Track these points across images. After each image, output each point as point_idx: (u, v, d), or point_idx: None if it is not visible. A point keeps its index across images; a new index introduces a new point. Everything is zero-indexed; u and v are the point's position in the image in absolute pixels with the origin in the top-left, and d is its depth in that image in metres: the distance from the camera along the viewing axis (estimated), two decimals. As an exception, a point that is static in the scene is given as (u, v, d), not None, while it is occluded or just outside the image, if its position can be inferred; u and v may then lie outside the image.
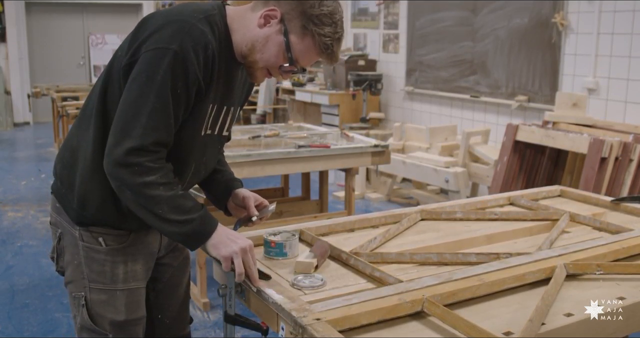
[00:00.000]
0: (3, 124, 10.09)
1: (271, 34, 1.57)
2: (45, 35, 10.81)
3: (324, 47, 1.56)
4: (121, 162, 1.47)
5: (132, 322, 1.70)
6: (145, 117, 1.47)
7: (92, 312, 1.67)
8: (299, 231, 1.96)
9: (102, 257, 1.66)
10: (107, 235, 1.65)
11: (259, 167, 3.41)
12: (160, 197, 1.49)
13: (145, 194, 1.49)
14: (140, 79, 1.49)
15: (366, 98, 6.64)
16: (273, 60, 1.59)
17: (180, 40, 1.48)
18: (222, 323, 1.72)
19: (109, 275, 1.66)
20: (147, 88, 1.48)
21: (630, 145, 3.76)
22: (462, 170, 5.02)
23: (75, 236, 1.66)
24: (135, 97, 1.49)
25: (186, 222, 1.52)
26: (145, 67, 1.49)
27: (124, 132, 1.48)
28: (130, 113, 1.48)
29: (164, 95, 1.48)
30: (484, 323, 1.38)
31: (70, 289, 1.71)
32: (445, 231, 2.10)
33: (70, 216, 1.66)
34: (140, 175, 1.47)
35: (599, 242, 1.90)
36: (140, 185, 1.48)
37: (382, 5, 7.13)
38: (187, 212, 1.52)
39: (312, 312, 1.38)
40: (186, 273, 1.92)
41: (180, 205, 1.51)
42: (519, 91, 5.37)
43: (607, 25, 4.64)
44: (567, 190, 2.59)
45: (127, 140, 1.47)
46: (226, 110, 1.70)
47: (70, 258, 1.69)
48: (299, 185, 4.55)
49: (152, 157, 1.49)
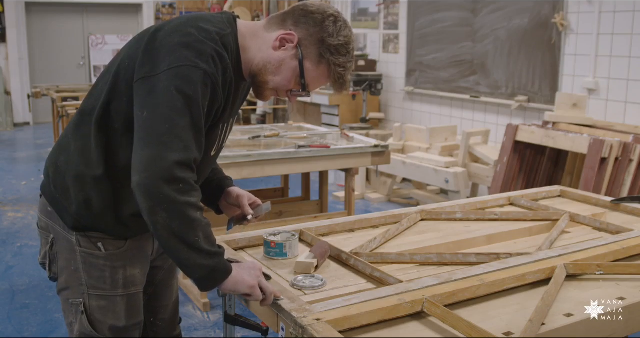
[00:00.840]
0: (3, 125, 10.09)
1: (286, 58, 1.55)
2: (45, 35, 10.81)
3: (338, 76, 1.56)
4: (167, 177, 1.37)
5: (131, 327, 1.69)
6: (183, 131, 1.40)
7: (92, 318, 1.64)
8: (299, 231, 1.96)
9: (101, 263, 1.62)
10: (105, 240, 1.62)
11: (259, 168, 3.41)
12: (199, 222, 1.41)
13: (185, 216, 1.39)
14: (169, 92, 1.41)
15: (366, 98, 6.64)
16: (285, 84, 1.58)
17: (207, 62, 1.44)
18: (222, 323, 1.72)
19: (109, 281, 1.63)
20: (180, 103, 1.41)
21: (630, 146, 3.76)
22: (462, 170, 5.02)
23: (71, 241, 1.62)
24: (168, 110, 1.40)
25: (216, 254, 1.44)
26: (175, 82, 1.41)
27: (163, 145, 1.38)
28: (166, 126, 1.39)
29: (198, 111, 1.43)
30: (484, 323, 1.38)
31: (65, 296, 1.66)
32: (445, 231, 2.10)
33: (65, 221, 1.61)
34: (187, 193, 1.39)
35: (599, 242, 1.90)
36: (184, 205, 1.39)
37: (382, 6, 7.13)
38: (215, 245, 1.45)
39: (312, 313, 1.38)
40: (175, 274, 1.91)
41: (211, 235, 1.45)
42: (519, 91, 5.37)
43: (607, 25, 4.64)
44: (567, 190, 2.59)
45: (171, 153, 1.38)
46: (230, 124, 1.69)
47: (66, 264, 1.64)
48: (299, 186, 4.55)
49: (194, 175, 1.42)
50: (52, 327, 3.32)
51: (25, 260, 4.26)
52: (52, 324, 3.34)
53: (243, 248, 1.90)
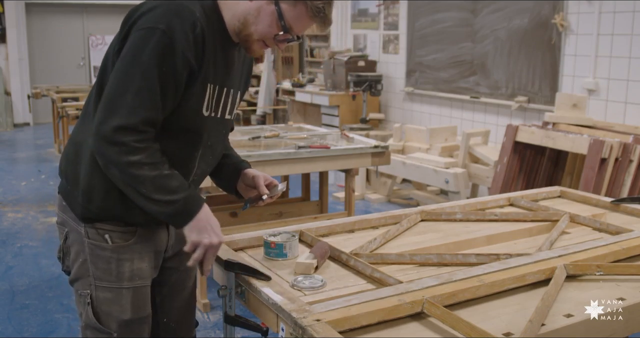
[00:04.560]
0: (3, 125, 10.09)
1: (262, 4, 1.58)
2: (45, 36, 10.81)
3: (316, 10, 1.57)
4: (108, 140, 1.48)
5: (137, 321, 1.69)
6: (131, 96, 1.48)
7: (98, 310, 1.66)
8: (299, 232, 1.96)
9: (107, 255, 1.64)
10: (113, 232, 1.65)
11: (259, 168, 3.34)
12: (144, 176, 1.50)
13: (130, 173, 1.50)
14: (127, 58, 1.51)
15: (366, 99, 6.64)
16: (267, 30, 1.60)
17: (168, 20, 1.50)
18: (222, 324, 1.72)
19: (115, 273, 1.65)
20: (133, 67, 1.49)
21: (630, 146, 3.76)
22: (462, 171, 5.02)
23: (80, 233, 1.65)
24: (121, 75, 1.50)
25: (170, 202, 1.53)
26: (133, 47, 1.51)
27: (110, 110, 1.49)
28: (117, 91, 1.49)
29: (150, 74, 1.49)
30: (484, 324, 1.38)
31: (76, 287, 1.70)
32: (445, 232, 2.10)
33: (75, 213, 1.65)
34: (126, 154, 1.48)
35: (599, 242, 1.90)
36: (126, 164, 1.49)
37: (382, 6, 7.13)
38: (171, 192, 1.53)
39: (312, 313, 1.38)
40: (191, 277, 1.91)
41: (164, 185, 1.52)
42: (519, 92, 5.37)
43: (607, 26, 4.64)
44: (567, 191, 2.59)
45: (114, 118, 1.47)
46: (226, 92, 1.70)
47: (76, 256, 1.68)
48: (299, 186, 4.55)
49: (138, 136, 1.49)
50: (52, 327, 3.31)
51: (25, 261, 4.26)
52: (52, 324, 3.34)
53: (243, 248, 1.90)
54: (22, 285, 3.87)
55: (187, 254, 1.85)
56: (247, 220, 3.88)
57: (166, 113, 1.56)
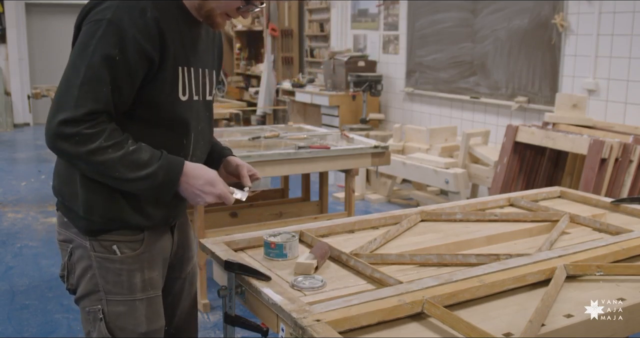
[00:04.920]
0: (3, 125, 10.09)
1: None
2: (45, 36, 10.80)
3: None
4: (58, 135, 1.45)
5: (153, 333, 1.65)
6: (77, 89, 1.46)
7: (111, 325, 1.60)
8: (299, 232, 1.96)
9: (117, 266, 1.60)
10: (120, 243, 1.60)
11: (259, 168, 3.36)
12: (111, 160, 1.47)
13: (95, 161, 1.46)
14: (74, 52, 1.50)
15: (366, 99, 6.64)
16: (229, 3, 1.59)
17: (114, 10, 1.48)
18: (222, 324, 1.72)
19: (127, 285, 1.60)
20: (78, 60, 1.48)
21: (630, 146, 3.76)
22: (462, 171, 5.02)
23: (86, 247, 1.61)
24: (68, 70, 1.49)
25: (148, 176, 1.50)
26: (80, 41, 1.50)
27: (57, 105, 1.47)
28: (64, 86, 1.48)
29: (95, 66, 1.46)
30: (484, 324, 1.38)
31: (83, 305, 1.64)
32: (445, 232, 2.10)
33: (78, 227, 1.61)
34: (83, 144, 1.45)
35: (599, 243, 1.90)
36: (87, 154, 1.45)
37: (382, 7, 7.13)
38: (145, 166, 1.50)
39: (312, 313, 1.38)
40: (193, 284, 1.90)
41: (135, 161, 1.49)
42: (519, 92, 5.37)
43: (607, 26, 4.64)
44: (567, 191, 2.59)
45: (60, 113, 1.45)
46: (202, 73, 1.67)
47: (82, 272, 1.62)
48: (299, 187, 4.55)
49: (88, 124, 1.46)
50: (52, 327, 3.31)
51: (25, 261, 4.26)
52: (52, 325, 3.34)
53: (243, 249, 1.90)
54: (22, 285, 3.87)
55: (189, 260, 1.84)
56: (247, 221, 3.88)
57: (128, 104, 1.53)
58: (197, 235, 3.37)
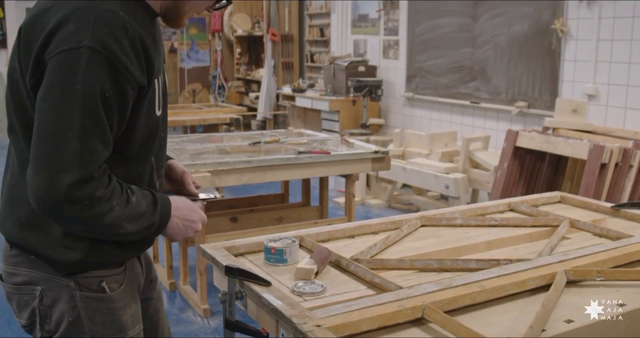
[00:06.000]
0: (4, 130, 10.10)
1: None
2: (46, 41, 10.82)
3: None
4: (65, 200, 1.23)
5: None
6: (75, 142, 1.22)
7: None
8: (299, 237, 1.96)
9: (107, 306, 1.45)
10: (107, 278, 1.45)
11: (259, 173, 3.42)
12: (119, 218, 1.32)
13: (102, 224, 1.30)
14: (53, 94, 1.21)
15: (366, 104, 6.65)
16: (203, 3, 1.48)
17: (92, 33, 1.22)
18: (222, 329, 1.72)
19: (117, 325, 1.47)
20: (66, 104, 1.21)
21: (630, 151, 3.76)
22: (462, 176, 5.03)
23: (68, 287, 1.41)
24: (54, 119, 1.21)
25: (149, 227, 1.40)
26: (57, 78, 1.21)
27: (54, 167, 1.21)
28: (55, 141, 1.21)
29: (91, 107, 1.22)
30: (485, 329, 1.38)
31: None
32: (446, 237, 2.10)
33: (56, 268, 1.40)
34: (92, 207, 1.26)
35: (599, 248, 1.90)
36: (96, 218, 1.28)
37: (382, 12, 7.15)
38: (144, 216, 1.37)
39: (312, 319, 1.37)
40: (162, 299, 1.80)
41: (137, 214, 1.36)
42: (519, 97, 5.38)
43: (607, 31, 4.65)
44: (567, 196, 2.59)
45: (63, 175, 1.22)
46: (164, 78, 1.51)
47: (60, 317, 1.42)
48: (299, 191, 4.55)
49: (100, 183, 1.27)
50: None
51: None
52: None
53: (243, 254, 1.90)
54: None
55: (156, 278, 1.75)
56: (247, 226, 3.89)
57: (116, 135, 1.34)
58: (198, 240, 3.37)
